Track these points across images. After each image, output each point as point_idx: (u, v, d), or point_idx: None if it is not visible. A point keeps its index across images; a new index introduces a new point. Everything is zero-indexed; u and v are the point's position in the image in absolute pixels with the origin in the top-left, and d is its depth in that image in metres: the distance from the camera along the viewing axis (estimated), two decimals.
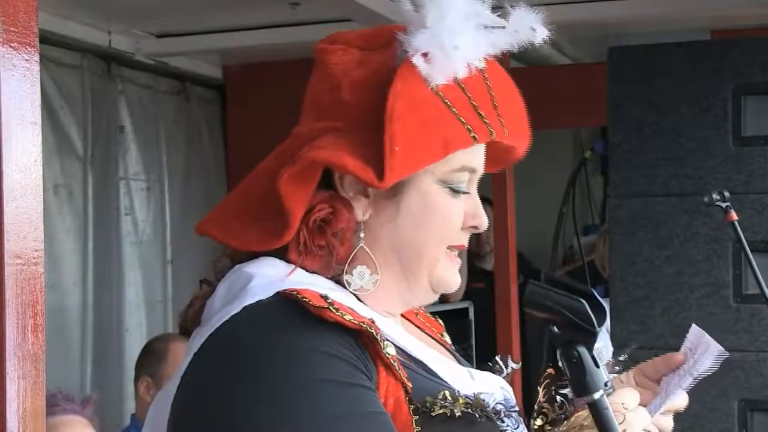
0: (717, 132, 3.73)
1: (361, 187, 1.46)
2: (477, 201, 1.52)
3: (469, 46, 1.44)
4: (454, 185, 1.48)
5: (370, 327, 1.37)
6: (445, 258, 1.50)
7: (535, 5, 1.52)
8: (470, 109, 1.45)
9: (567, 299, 1.34)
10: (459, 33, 1.43)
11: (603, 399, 1.32)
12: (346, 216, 1.46)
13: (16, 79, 1.22)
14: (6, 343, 1.20)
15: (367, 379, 1.35)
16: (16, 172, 1.22)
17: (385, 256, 1.48)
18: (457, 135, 1.44)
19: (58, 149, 4.53)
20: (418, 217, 1.47)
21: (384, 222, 1.48)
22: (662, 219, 3.80)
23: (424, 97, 1.42)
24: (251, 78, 5.42)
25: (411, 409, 1.38)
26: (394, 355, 1.40)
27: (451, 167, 1.47)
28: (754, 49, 3.72)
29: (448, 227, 1.49)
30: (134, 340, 4.77)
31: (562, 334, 1.35)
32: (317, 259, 1.45)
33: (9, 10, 1.22)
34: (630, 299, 3.82)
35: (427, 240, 1.48)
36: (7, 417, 1.20)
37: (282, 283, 1.40)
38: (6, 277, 1.20)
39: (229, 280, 1.47)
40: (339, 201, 1.46)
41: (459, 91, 1.45)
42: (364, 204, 1.47)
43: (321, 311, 1.34)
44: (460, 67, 1.44)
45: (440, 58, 1.42)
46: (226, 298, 1.44)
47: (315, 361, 1.32)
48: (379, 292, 1.48)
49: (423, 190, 1.47)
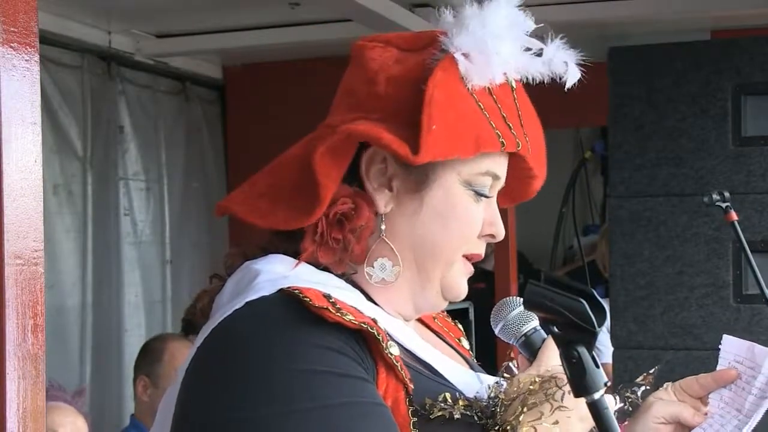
0: (717, 132, 3.73)
1: (385, 179, 1.48)
2: (496, 210, 1.54)
3: (509, 55, 1.47)
4: (477, 188, 1.50)
5: (371, 327, 1.37)
6: (460, 262, 1.51)
7: (536, 5, 1.52)
8: (500, 118, 1.48)
9: (567, 299, 1.33)
10: (500, 40, 1.46)
11: (603, 399, 1.32)
12: (367, 214, 1.47)
13: (16, 79, 1.22)
14: (6, 343, 1.20)
15: (365, 373, 1.36)
16: (16, 172, 1.22)
17: (402, 250, 1.49)
18: (487, 137, 1.46)
19: (58, 149, 4.53)
20: (440, 213, 1.48)
21: (406, 216, 1.49)
22: (662, 219, 3.80)
23: (461, 94, 1.45)
24: (251, 78, 5.42)
25: (410, 411, 1.39)
26: (398, 356, 1.40)
27: (477, 170, 1.49)
28: (754, 49, 3.73)
29: (468, 229, 1.50)
30: (133, 340, 4.77)
31: (562, 334, 1.34)
32: (331, 252, 1.47)
33: (9, 10, 1.22)
34: (630, 299, 3.83)
35: (446, 239, 1.49)
36: (7, 417, 1.20)
37: (286, 280, 1.41)
38: (6, 277, 1.20)
39: (237, 276, 1.48)
40: (361, 198, 1.48)
41: (490, 99, 1.47)
42: (387, 196, 1.49)
43: (321, 311, 1.35)
44: (497, 72, 1.47)
45: (480, 61, 1.45)
46: (233, 294, 1.45)
47: (312, 353, 1.34)
48: (391, 289, 1.49)
49: (448, 188, 1.48)
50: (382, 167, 1.48)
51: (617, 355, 3.86)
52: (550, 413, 1.41)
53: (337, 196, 1.46)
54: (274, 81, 5.27)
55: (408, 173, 1.47)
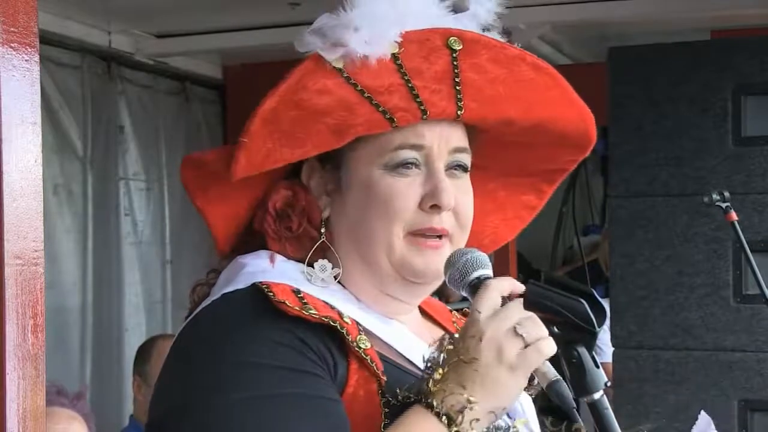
0: (717, 132, 3.73)
1: (322, 188, 1.54)
2: (440, 179, 1.50)
3: (379, 27, 1.46)
4: (397, 162, 1.49)
5: (334, 321, 1.40)
6: (403, 242, 1.50)
7: (536, 5, 1.53)
8: (402, 91, 1.46)
9: (567, 299, 1.34)
10: (364, 18, 1.47)
11: (603, 399, 1.32)
12: (305, 195, 1.53)
13: (16, 79, 1.23)
14: (6, 343, 1.20)
15: (320, 368, 1.38)
16: (16, 172, 1.22)
17: (344, 247, 1.52)
18: (363, 120, 1.46)
19: (58, 149, 4.53)
20: (362, 203, 1.51)
21: (339, 215, 1.53)
22: (662, 219, 3.80)
23: (319, 90, 1.46)
24: (251, 78, 5.41)
25: (382, 402, 1.40)
26: (368, 349, 1.42)
27: (388, 147, 1.49)
28: (754, 49, 3.73)
29: (392, 206, 1.49)
30: (133, 340, 4.77)
31: (562, 334, 1.34)
32: (294, 243, 1.52)
33: (9, 10, 1.22)
34: (630, 299, 3.82)
35: (372, 223, 1.50)
36: (7, 417, 1.20)
37: (263, 275, 1.45)
38: (6, 277, 1.20)
39: (228, 270, 1.53)
40: (296, 184, 1.53)
41: (391, 76, 1.46)
42: (325, 201, 1.54)
43: (281, 306, 1.39)
44: (383, 42, 1.46)
45: (358, 39, 1.46)
46: (221, 286, 1.50)
47: (260, 346, 1.38)
48: (351, 281, 1.52)
49: (364, 177, 1.50)
50: (318, 174, 1.54)
51: (617, 355, 3.86)
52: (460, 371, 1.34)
53: (273, 192, 1.53)
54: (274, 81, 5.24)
55: (329, 177, 1.53)
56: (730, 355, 3.70)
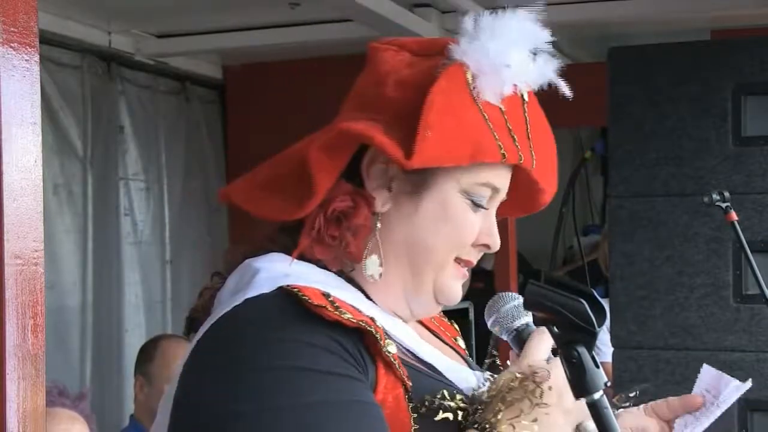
0: (717, 132, 3.72)
1: (385, 180, 1.50)
2: (493, 221, 1.55)
3: (518, 68, 1.49)
4: (475, 198, 1.51)
5: (369, 325, 1.39)
6: (452, 267, 1.53)
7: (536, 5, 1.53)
8: (505, 130, 1.49)
9: (567, 299, 1.34)
10: (512, 53, 1.48)
11: (603, 399, 1.32)
12: (365, 213, 1.49)
13: (16, 79, 1.23)
14: (6, 343, 1.20)
15: (360, 373, 1.37)
16: (16, 172, 1.22)
17: (396, 250, 1.51)
18: (488, 147, 1.47)
19: (58, 149, 4.53)
20: (434, 218, 1.50)
21: (402, 217, 1.50)
22: (662, 219, 3.79)
23: (464, 102, 1.46)
24: (251, 78, 5.42)
25: (410, 407, 1.40)
26: (395, 354, 1.41)
27: (477, 180, 1.50)
28: (754, 49, 3.72)
29: (461, 236, 1.51)
30: (134, 341, 4.77)
31: (562, 334, 1.34)
32: (327, 249, 1.49)
33: (9, 10, 1.22)
34: (630, 299, 3.82)
35: (438, 243, 1.50)
36: (7, 417, 1.20)
37: (287, 279, 1.42)
38: (6, 277, 1.20)
39: (238, 274, 1.50)
40: (360, 197, 1.49)
41: (497, 110, 1.49)
42: (386, 196, 1.50)
43: (319, 309, 1.36)
44: (506, 85, 1.48)
45: (488, 72, 1.47)
46: (233, 291, 1.47)
47: (299, 351, 1.35)
48: (385, 286, 1.51)
49: (444, 195, 1.50)
50: (384, 167, 1.49)
51: (617, 355, 3.85)
52: (530, 410, 1.41)
53: (336, 194, 1.47)
54: (274, 81, 5.26)
55: (407, 176, 1.49)
56: (730, 355, 3.70)
